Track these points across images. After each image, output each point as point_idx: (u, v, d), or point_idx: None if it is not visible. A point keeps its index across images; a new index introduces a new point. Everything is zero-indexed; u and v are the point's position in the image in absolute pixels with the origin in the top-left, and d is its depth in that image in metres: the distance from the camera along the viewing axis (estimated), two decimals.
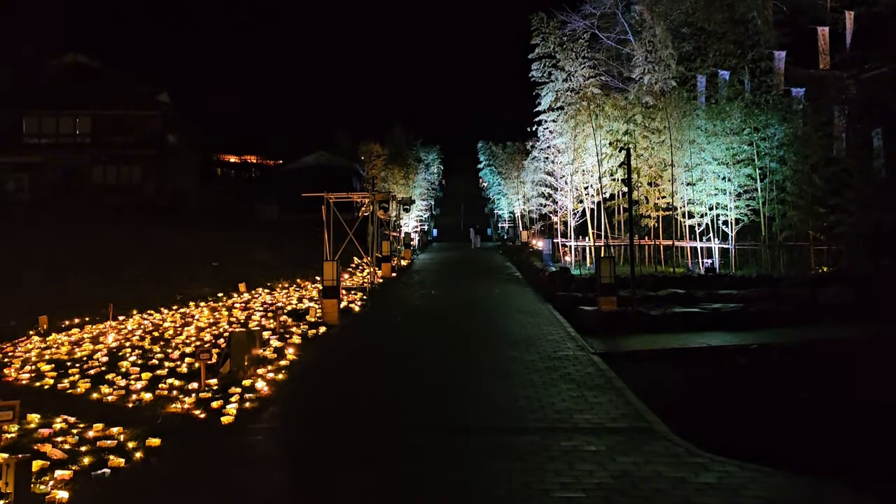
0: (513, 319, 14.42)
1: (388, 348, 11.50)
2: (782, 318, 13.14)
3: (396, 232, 32.30)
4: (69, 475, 5.70)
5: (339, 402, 8.31)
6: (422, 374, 9.70)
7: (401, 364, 10.30)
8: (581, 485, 5.65)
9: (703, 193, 18.43)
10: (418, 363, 10.37)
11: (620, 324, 12.87)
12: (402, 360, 10.61)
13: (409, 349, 11.40)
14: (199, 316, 14.36)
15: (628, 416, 7.60)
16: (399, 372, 9.80)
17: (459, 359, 10.66)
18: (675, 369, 10.24)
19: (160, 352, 10.71)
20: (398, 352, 11.21)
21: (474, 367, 10.05)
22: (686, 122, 18.64)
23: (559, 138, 21.12)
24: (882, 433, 7.26)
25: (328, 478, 5.92)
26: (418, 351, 11.26)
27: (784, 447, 6.62)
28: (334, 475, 5.97)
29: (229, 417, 7.57)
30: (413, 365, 10.25)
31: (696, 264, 18.80)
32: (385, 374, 9.66)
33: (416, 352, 11.19)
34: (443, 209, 62.52)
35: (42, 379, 9.23)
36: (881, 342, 11.38)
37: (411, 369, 9.96)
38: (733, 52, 20.00)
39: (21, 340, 12.43)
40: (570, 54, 20.26)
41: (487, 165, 49.06)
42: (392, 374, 9.65)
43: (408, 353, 11.06)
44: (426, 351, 11.26)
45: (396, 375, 9.60)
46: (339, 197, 19.09)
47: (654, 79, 19.75)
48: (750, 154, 17.58)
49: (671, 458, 6.32)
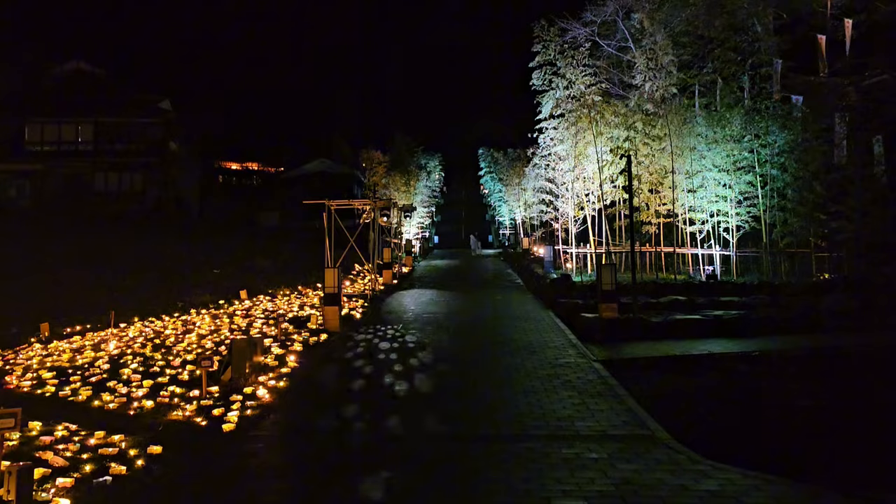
0: (514, 326, 14.41)
1: (388, 355, 11.49)
2: (784, 326, 13.13)
3: (398, 239, 32.32)
4: (71, 483, 5.70)
5: (340, 409, 8.30)
6: (422, 381, 9.70)
7: (401, 371, 10.30)
8: (582, 492, 5.65)
9: (704, 200, 18.45)
10: (419, 370, 10.36)
11: (622, 331, 12.87)
12: (402, 366, 10.60)
13: (410, 356, 11.39)
14: (200, 323, 14.36)
15: (630, 424, 7.59)
16: (400, 378, 9.79)
17: (461, 366, 10.65)
18: (676, 376, 10.23)
19: (161, 359, 10.72)
20: (399, 358, 11.20)
21: (475, 374, 10.05)
22: (686, 129, 18.68)
23: (560, 145, 21.16)
24: (883, 441, 7.24)
25: (329, 486, 5.91)
26: (419, 358, 11.25)
27: (785, 455, 6.61)
28: (335, 483, 5.97)
29: (231, 425, 7.57)
30: (413, 372, 10.24)
31: (698, 271, 18.81)
32: (385, 381, 9.65)
33: (417, 358, 11.18)
34: (444, 216, 62.55)
35: (43, 386, 9.23)
36: (883, 350, 11.36)
37: (412, 376, 9.96)
38: (733, 59, 20.05)
39: (23, 348, 12.44)
40: (571, 62, 20.33)
41: (488, 172, 49.14)
42: (392, 381, 9.64)
43: (408, 360, 11.05)
44: (427, 358, 11.25)
45: (397, 382, 9.59)
46: (340, 204, 19.13)
47: (654, 86, 19.80)
48: (751, 161, 17.61)
49: (673, 465, 6.31)
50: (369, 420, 7.84)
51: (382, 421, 7.79)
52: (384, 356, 11.44)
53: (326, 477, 6.14)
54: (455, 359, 11.21)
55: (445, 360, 11.07)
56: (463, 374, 10.13)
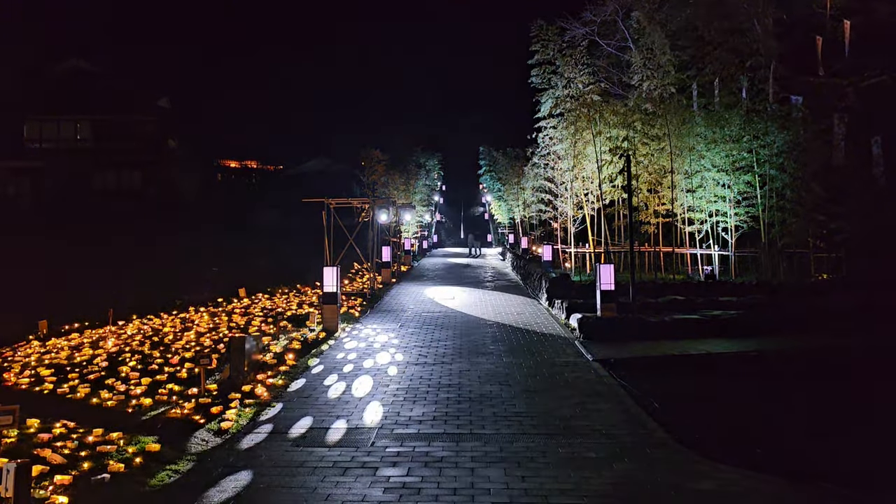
0: (512, 324, 14.42)
1: (386, 352, 11.50)
2: (782, 326, 13.13)
3: (396, 237, 32.32)
4: (69, 480, 5.70)
5: (338, 408, 8.31)
6: (420, 377, 9.71)
7: (399, 368, 10.30)
8: (580, 491, 5.66)
9: (703, 200, 18.45)
10: (417, 367, 10.37)
11: (620, 330, 12.88)
12: (400, 364, 10.61)
13: (409, 353, 11.40)
14: (198, 321, 14.36)
15: (627, 423, 7.61)
16: (398, 376, 9.80)
17: (458, 363, 10.66)
18: (674, 376, 10.24)
19: (160, 357, 10.71)
20: (397, 355, 11.21)
21: (473, 372, 10.06)
22: (686, 129, 18.66)
23: (559, 145, 21.14)
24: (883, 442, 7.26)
25: (327, 485, 5.91)
26: (417, 355, 11.26)
27: (784, 455, 6.62)
28: (333, 483, 5.97)
29: (229, 423, 7.58)
30: (411, 369, 10.25)
31: (696, 271, 18.81)
32: (383, 379, 9.66)
33: (415, 355, 11.19)
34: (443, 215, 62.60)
35: (41, 383, 9.23)
36: (881, 350, 11.37)
37: (409, 373, 9.97)
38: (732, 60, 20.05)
39: (21, 345, 12.44)
40: (570, 61, 20.31)
41: (488, 171, 49.08)
42: (390, 379, 9.65)
43: (407, 357, 11.06)
44: (424, 355, 11.25)
45: (395, 380, 9.59)
46: (339, 202, 19.12)
47: (653, 85, 19.79)
48: (749, 161, 17.61)
49: (671, 465, 6.33)
50: (366, 417, 7.84)
51: (379, 418, 7.79)
52: (381, 353, 11.44)
53: (324, 477, 6.14)
54: (452, 356, 11.21)
55: (442, 358, 11.07)
56: (460, 371, 10.12)
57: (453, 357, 11.26)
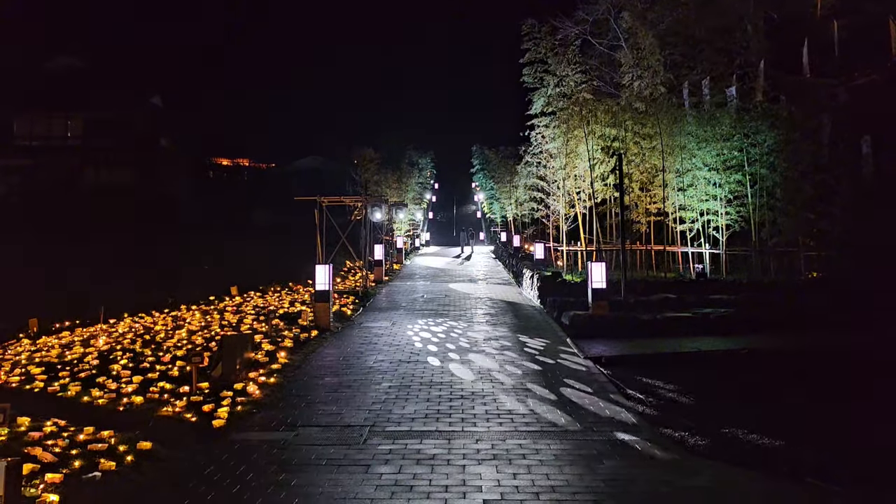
0: (504, 323, 14.46)
1: (378, 350, 11.51)
2: (772, 324, 13.22)
3: (389, 236, 32.30)
4: (60, 478, 5.69)
5: (330, 405, 8.31)
6: (411, 375, 9.72)
7: (391, 366, 10.32)
8: (571, 488, 5.70)
9: (695, 199, 18.53)
10: (408, 365, 10.38)
11: (612, 328, 12.93)
12: (392, 361, 10.62)
13: (399, 350, 11.41)
14: (190, 319, 14.32)
15: (619, 421, 7.65)
16: (388, 374, 9.81)
17: (449, 363, 10.68)
18: (665, 374, 10.28)
19: (151, 355, 10.69)
20: (388, 353, 11.21)
21: (464, 371, 10.08)
22: (677, 128, 18.73)
23: (551, 143, 21.20)
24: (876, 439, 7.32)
25: (317, 481, 5.92)
26: (409, 353, 11.27)
27: (776, 452, 6.67)
28: (323, 480, 5.98)
29: (221, 420, 7.57)
30: (403, 367, 10.26)
31: (688, 269, 18.89)
32: (375, 377, 9.67)
33: (407, 354, 11.20)
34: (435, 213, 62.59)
35: (32, 382, 9.20)
36: (869, 347, 11.46)
37: (401, 371, 9.98)
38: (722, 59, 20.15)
39: (11, 343, 12.38)
40: (562, 59, 20.37)
41: (481, 170, 49.15)
42: (382, 377, 9.66)
43: (398, 354, 11.07)
44: (416, 354, 11.27)
45: (386, 378, 9.61)
46: (331, 201, 19.11)
47: (643, 84, 19.87)
48: (740, 160, 17.69)
49: (662, 462, 6.37)
50: (357, 415, 7.86)
51: (370, 416, 7.81)
52: (373, 351, 11.45)
53: (315, 473, 6.15)
54: (443, 355, 11.23)
55: (434, 356, 11.09)
56: (451, 370, 10.15)
57: (441, 356, 11.28)
